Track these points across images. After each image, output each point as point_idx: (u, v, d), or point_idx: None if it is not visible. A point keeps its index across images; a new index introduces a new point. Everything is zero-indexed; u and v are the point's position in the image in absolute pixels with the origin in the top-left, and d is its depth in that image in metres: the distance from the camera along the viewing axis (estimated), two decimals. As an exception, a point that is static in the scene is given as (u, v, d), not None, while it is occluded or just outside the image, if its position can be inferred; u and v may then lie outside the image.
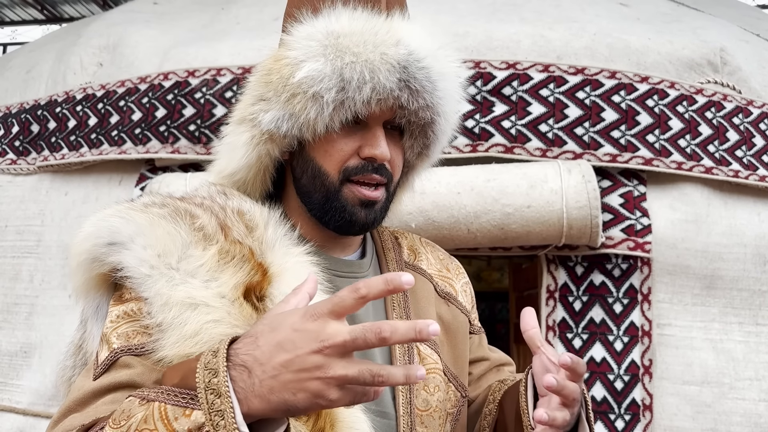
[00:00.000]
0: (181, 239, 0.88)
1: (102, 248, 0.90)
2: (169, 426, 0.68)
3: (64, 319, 2.41)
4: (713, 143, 2.26)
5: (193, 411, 0.68)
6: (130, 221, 0.89)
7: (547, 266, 2.19)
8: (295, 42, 0.96)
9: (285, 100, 0.94)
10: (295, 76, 0.93)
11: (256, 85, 1.00)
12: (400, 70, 0.95)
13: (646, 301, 2.12)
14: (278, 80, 0.95)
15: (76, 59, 2.79)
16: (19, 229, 2.58)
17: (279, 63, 0.96)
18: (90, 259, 0.91)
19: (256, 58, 2.40)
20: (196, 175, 2.28)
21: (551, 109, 2.23)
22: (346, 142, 0.97)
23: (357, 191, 0.98)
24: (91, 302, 0.96)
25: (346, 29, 0.94)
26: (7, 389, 2.44)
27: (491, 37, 2.35)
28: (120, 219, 0.90)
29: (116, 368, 0.85)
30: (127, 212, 0.92)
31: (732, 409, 2.07)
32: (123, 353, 0.85)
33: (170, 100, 2.43)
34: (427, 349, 1.08)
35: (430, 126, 1.02)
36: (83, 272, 0.93)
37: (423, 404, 1.04)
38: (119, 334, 0.86)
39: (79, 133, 2.58)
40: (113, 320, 0.88)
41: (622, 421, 2.05)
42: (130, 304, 0.88)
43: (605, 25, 2.43)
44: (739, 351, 2.13)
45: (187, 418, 0.67)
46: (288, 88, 0.94)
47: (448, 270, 1.23)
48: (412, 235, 1.25)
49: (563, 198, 2.04)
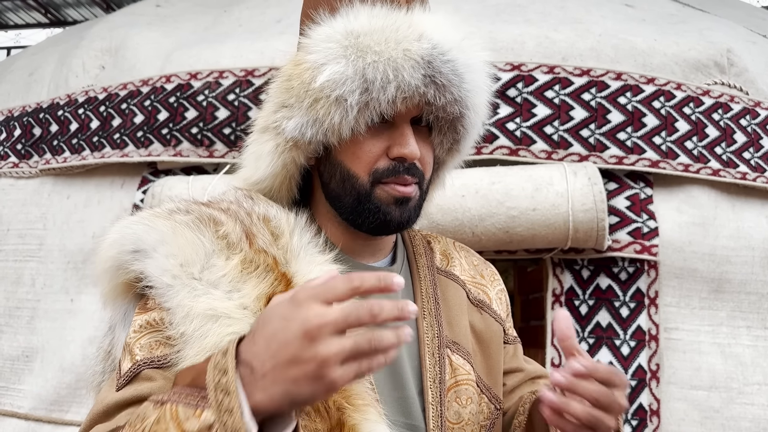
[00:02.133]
0: (203, 248, 0.86)
1: (126, 256, 0.89)
2: (180, 426, 0.68)
3: (66, 324, 2.39)
4: (720, 145, 2.24)
5: (203, 411, 0.67)
6: (153, 229, 0.88)
7: (552, 270, 2.17)
8: (314, 45, 0.92)
9: (308, 106, 0.91)
10: (317, 80, 0.89)
11: (278, 92, 0.96)
12: (425, 66, 0.91)
13: (653, 305, 2.09)
14: (299, 86, 0.92)
15: (79, 62, 2.78)
16: (21, 232, 2.57)
17: (299, 68, 0.92)
18: (115, 267, 0.91)
19: (258, 61, 2.39)
20: (198, 178, 2.27)
21: (556, 111, 2.21)
22: (373, 143, 0.94)
23: (390, 189, 0.94)
24: (119, 309, 0.95)
25: (366, 27, 0.91)
26: (9, 394, 2.43)
27: (496, 39, 2.33)
28: (143, 226, 0.89)
29: (139, 381, 0.84)
30: (151, 219, 0.90)
31: (740, 415, 2.05)
32: (145, 366, 0.84)
33: (172, 102, 2.42)
34: (460, 359, 1.03)
35: (460, 120, 0.98)
36: (109, 279, 0.92)
37: (455, 417, 1.00)
38: (142, 345, 0.86)
39: (81, 136, 2.57)
40: (136, 330, 0.87)
41: (629, 426, 2.02)
42: (153, 314, 0.87)
43: (611, 26, 2.41)
44: (747, 355, 2.10)
45: (197, 418, 0.67)
46: (310, 93, 0.90)
47: (483, 276, 1.17)
48: (445, 239, 1.20)
49: (569, 201, 2.02)
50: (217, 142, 2.35)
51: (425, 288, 1.06)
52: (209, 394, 0.67)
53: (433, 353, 1.00)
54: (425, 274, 1.07)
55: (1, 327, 2.51)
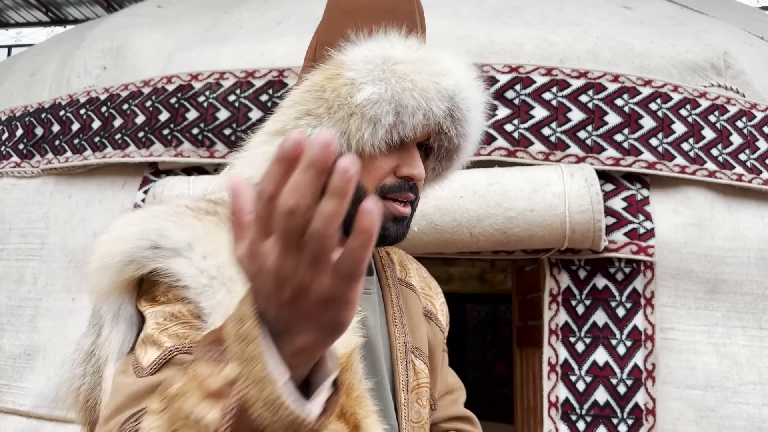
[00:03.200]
0: None
1: (144, 251, 0.88)
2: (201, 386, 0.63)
3: (67, 322, 2.41)
4: (717, 147, 2.25)
5: (225, 366, 0.62)
6: (184, 227, 0.89)
7: (549, 270, 2.19)
8: (353, 64, 0.97)
9: (340, 119, 0.95)
10: (356, 97, 0.94)
11: (305, 100, 0.99)
12: (448, 99, 0.99)
13: (649, 305, 2.11)
14: (334, 98, 0.96)
15: (80, 62, 2.80)
16: (23, 232, 2.59)
17: (335, 82, 0.96)
18: (126, 261, 0.89)
19: (258, 62, 2.41)
20: (199, 179, 2.29)
21: (554, 113, 2.23)
22: (385, 161, 0.99)
23: (392, 207, 0.99)
24: (111, 306, 0.93)
25: (403, 57, 0.98)
26: (11, 392, 2.45)
27: (494, 41, 2.35)
28: (171, 223, 0.89)
29: (171, 365, 0.83)
30: (179, 217, 0.91)
31: (735, 414, 2.07)
32: (178, 351, 0.84)
33: (173, 103, 2.44)
34: (421, 364, 1.12)
35: (457, 151, 1.07)
36: (113, 274, 0.90)
37: (416, 416, 1.09)
38: (170, 334, 0.86)
39: (83, 136, 2.59)
40: (159, 322, 0.87)
41: (624, 425, 2.04)
42: (177, 306, 0.87)
43: (608, 28, 2.43)
44: (742, 355, 2.12)
45: (219, 375, 0.62)
46: (346, 107, 0.95)
47: (430, 288, 1.28)
48: (399, 251, 1.28)
49: (566, 202, 2.04)
50: (218, 142, 2.37)
51: (393, 297, 1.13)
52: (230, 346, 0.61)
53: (403, 358, 1.08)
54: (393, 283, 1.15)
55: (3, 325, 2.53)
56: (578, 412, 2.08)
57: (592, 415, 2.07)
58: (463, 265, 6.53)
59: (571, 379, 2.10)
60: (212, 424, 0.60)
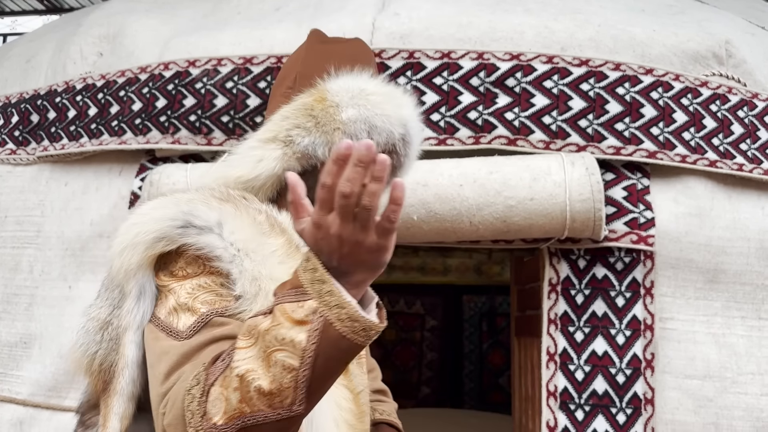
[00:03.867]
0: (258, 229, 1.11)
1: (176, 230, 1.06)
2: (290, 317, 0.87)
3: (64, 310, 2.40)
4: (718, 136, 2.24)
5: (305, 302, 0.88)
6: (214, 209, 1.10)
7: (549, 259, 2.18)
8: (338, 91, 1.25)
9: (327, 131, 1.22)
10: (340, 116, 1.22)
11: (295, 116, 1.24)
12: (403, 125, 1.28)
13: (649, 295, 2.11)
14: (323, 116, 1.23)
15: (76, 49, 2.77)
16: (18, 219, 2.57)
17: (323, 104, 1.23)
18: (158, 238, 1.06)
19: (256, 49, 2.39)
20: (196, 166, 2.27)
21: (555, 101, 2.21)
22: None
23: None
24: (138, 281, 1.08)
25: (374, 89, 1.27)
26: (7, 380, 2.44)
27: (495, 28, 2.33)
28: (203, 205, 1.10)
29: (210, 326, 1.02)
30: (208, 201, 1.12)
31: (734, 404, 2.07)
32: (213, 315, 1.03)
33: (171, 90, 2.42)
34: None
35: (399, 170, 1.33)
36: (144, 250, 1.07)
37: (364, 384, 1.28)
38: (202, 302, 1.04)
39: (79, 123, 2.57)
40: (189, 292, 1.05)
41: (623, 414, 2.04)
42: (201, 279, 1.06)
43: (610, 16, 2.41)
44: (741, 345, 2.12)
45: (302, 308, 0.88)
46: (332, 123, 1.22)
47: None
48: None
49: (566, 191, 2.03)
50: (216, 129, 2.35)
51: None
52: (307, 288, 0.88)
53: None
54: None
55: (0, 314, 2.51)
56: (577, 402, 2.08)
57: (590, 404, 2.07)
58: (460, 257, 6.53)
59: (569, 368, 2.10)
60: (302, 341, 0.87)
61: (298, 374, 0.86)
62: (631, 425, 2.04)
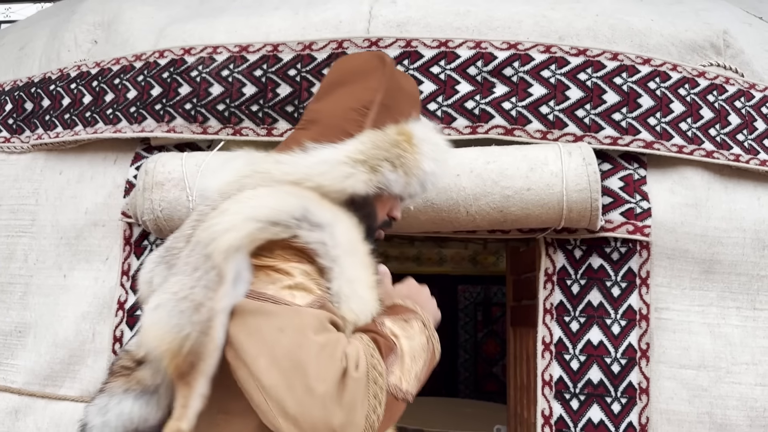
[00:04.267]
0: (357, 235, 1.25)
1: (293, 219, 1.14)
2: (420, 331, 1.26)
3: (58, 299, 2.39)
4: (714, 127, 2.24)
5: (426, 330, 1.28)
6: (326, 209, 1.21)
7: (545, 249, 2.18)
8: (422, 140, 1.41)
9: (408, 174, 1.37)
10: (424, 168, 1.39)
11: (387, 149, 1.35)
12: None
13: (645, 285, 2.11)
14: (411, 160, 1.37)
15: (71, 36, 2.74)
16: (13, 208, 2.56)
17: (412, 149, 1.38)
18: (274, 222, 1.13)
19: (252, 36, 2.37)
20: (192, 155, 2.26)
21: (552, 91, 2.20)
22: (394, 203, 1.47)
23: (378, 234, 1.45)
24: (237, 263, 1.11)
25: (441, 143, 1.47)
26: (2, 369, 2.43)
27: (492, 17, 2.31)
28: (315, 204, 1.20)
29: (327, 310, 1.13)
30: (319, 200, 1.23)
31: (728, 393, 2.08)
32: (325, 300, 1.14)
33: (166, 78, 2.40)
34: None
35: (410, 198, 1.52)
36: (256, 230, 1.12)
37: None
38: (313, 286, 1.14)
39: (74, 111, 2.55)
40: (303, 275, 1.14)
41: (618, 404, 2.05)
42: (304, 266, 1.15)
43: (608, 5, 2.40)
44: (736, 335, 2.13)
45: (424, 331, 1.27)
46: (416, 170, 1.38)
47: None
48: None
49: (563, 181, 2.03)
50: (211, 118, 2.34)
51: None
52: (427, 325, 1.29)
53: None
54: None
55: (-6, 302, 2.51)
56: (572, 391, 2.08)
57: (585, 393, 2.08)
58: (456, 247, 6.54)
59: (565, 358, 2.11)
60: (425, 339, 1.26)
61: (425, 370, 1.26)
62: (625, 414, 2.05)
